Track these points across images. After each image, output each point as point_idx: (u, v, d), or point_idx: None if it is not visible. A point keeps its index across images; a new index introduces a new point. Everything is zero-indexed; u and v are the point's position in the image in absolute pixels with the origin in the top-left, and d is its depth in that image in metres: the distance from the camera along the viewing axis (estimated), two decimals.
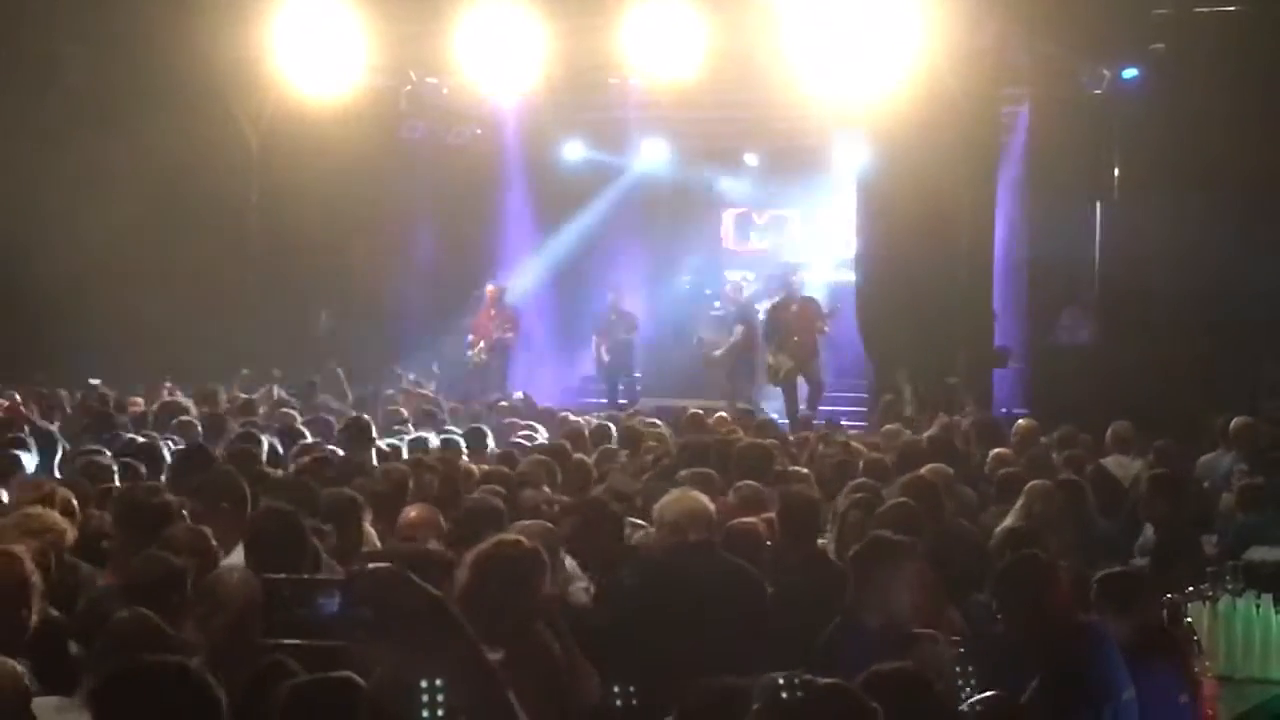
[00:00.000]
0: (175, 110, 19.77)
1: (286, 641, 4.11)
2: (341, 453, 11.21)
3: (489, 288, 23.22)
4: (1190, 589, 7.83)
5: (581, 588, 7.69)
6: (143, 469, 9.83)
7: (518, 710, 3.82)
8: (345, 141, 20.99)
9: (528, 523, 7.68)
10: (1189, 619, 7.46)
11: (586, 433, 13.51)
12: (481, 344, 22.85)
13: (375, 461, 11.14)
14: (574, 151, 25.35)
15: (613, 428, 13.84)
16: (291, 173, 21.24)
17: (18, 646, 5.55)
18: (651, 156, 25.54)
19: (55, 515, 7.34)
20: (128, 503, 7.81)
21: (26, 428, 12.15)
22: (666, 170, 25.96)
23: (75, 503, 8.05)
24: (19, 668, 5.05)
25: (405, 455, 11.48)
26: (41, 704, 5.08)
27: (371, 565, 5.86)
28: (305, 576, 4.67)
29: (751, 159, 25.50)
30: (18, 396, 15.35)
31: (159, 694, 3.92)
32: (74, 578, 7.05)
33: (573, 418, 15.65)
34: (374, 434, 12.26)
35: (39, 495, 8.00)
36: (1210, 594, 7.81)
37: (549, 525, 7.80)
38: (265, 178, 21.69)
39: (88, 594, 6.78)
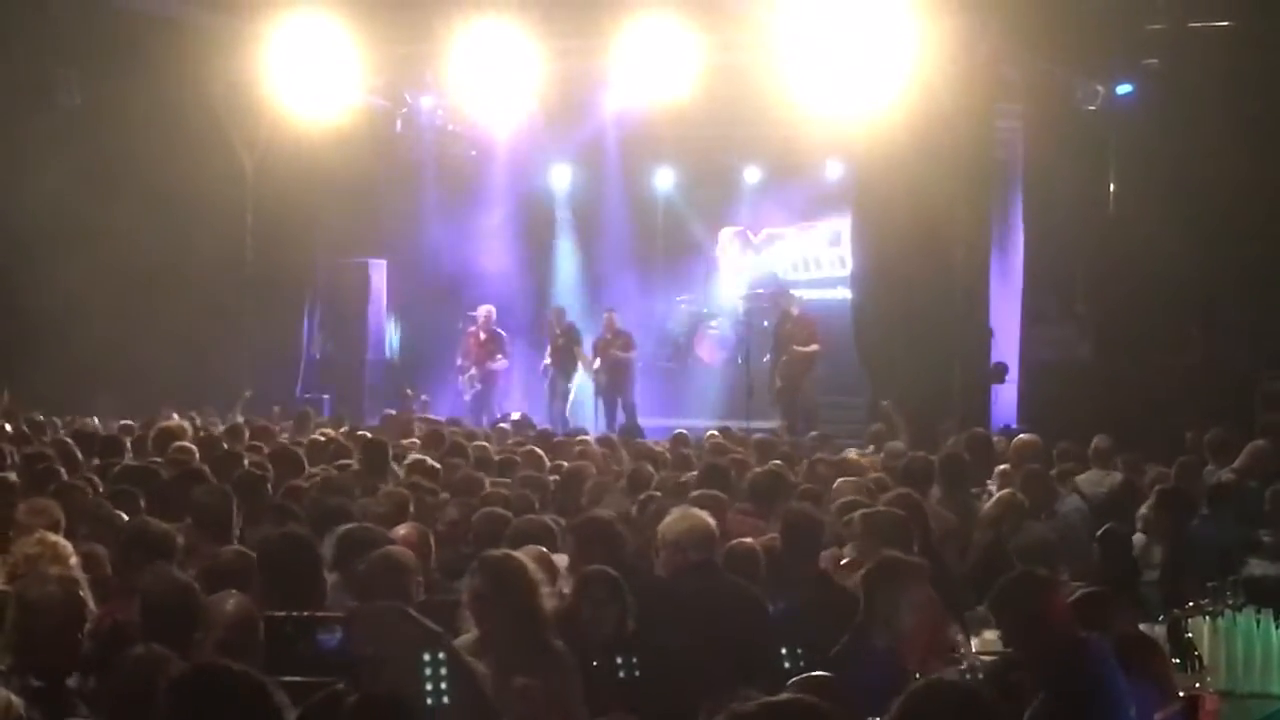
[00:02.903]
0: (170, 134, 19.76)
1: (288, 679, 4.09)
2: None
3: (477, 312, 23.19)
4: (1190, 604, 7.82)
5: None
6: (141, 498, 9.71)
7: None
8: (340, 164, 21.01)
9: (526, 547, 7.66)
10: (1189, 634, 7.46)
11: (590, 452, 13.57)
12: (473, 370, 22.83)
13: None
14: (569, 172, 25.37)
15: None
16: (287, 196, 21.25)
17: (70, 668, 5.55)
18: (647, 176, 25.58)
19: (62, 541, 7.30)
20: (133, 533, 7.76)
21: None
22: (662, 189, 26.02)
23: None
24: (13, 698, 5.05)
25: None
26: None
27: (373, 603, 5.88)
28: (306, 614, 4.65)
29: (747, 177, 25.53)
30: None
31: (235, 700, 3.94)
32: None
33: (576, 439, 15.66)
34: (390, 456, 12.26)
35: (48, 521, 7.95)
36: (1211, 609, 7.80)
37: (543, 550, 7.77)
38: (260, 201, 21.69)
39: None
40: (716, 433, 15.95)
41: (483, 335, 22.90)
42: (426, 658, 4.92)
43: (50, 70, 20.19)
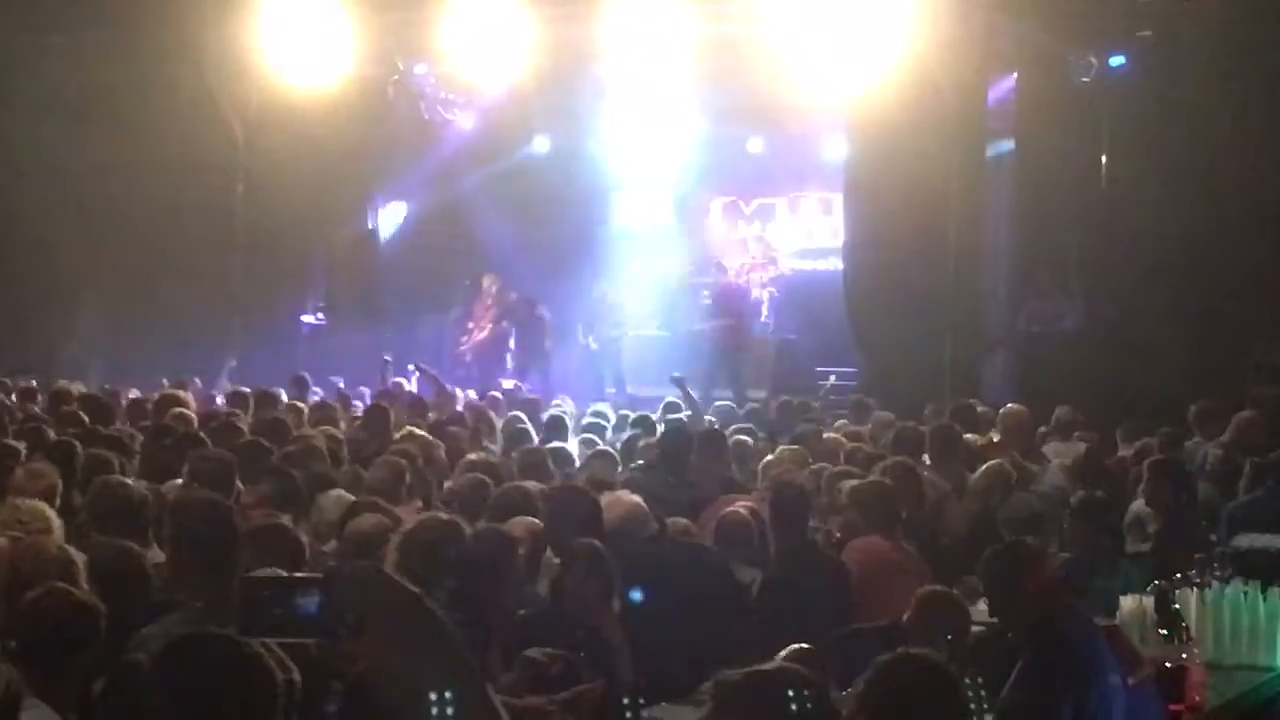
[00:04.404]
0: (160, 101, 19.71)
1: (265, 640, 4.08)
2: None
3: (484, 279, 23.17)
4: (1179, 575, 7.84)
5: None
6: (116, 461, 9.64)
7: (498, 707, 3.79)
8: (332, 131, 20.96)
9: (516, 519, 7.59)
10: (1177, 605, 7.47)
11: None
12: (477, 336, 22.81)
13: None
14: (561, 140, 25.28)
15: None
16: (278, 164, 21.20)
17: None
18: (636, 145, 25.50)
19: (45, 507, 7.28)
20: (101, 495, 7.74)
21: None
22: (653, 159, 25.92)
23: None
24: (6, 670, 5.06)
25: None
26: None
27: (351, 563, 5.86)
28: (284, 575, 4.61)
29: (739, 148, 25.45)
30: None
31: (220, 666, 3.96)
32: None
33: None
34: (392, 421, 12.35)
35: (42, 488, 7.94)
36: (1199, 581, 7.81)
37: (535, 521, 7.72)
38: (251, 169, 21.63)
39: None
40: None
41: (489, 301, 22.96)
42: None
43: (40, 37, 20.11)
